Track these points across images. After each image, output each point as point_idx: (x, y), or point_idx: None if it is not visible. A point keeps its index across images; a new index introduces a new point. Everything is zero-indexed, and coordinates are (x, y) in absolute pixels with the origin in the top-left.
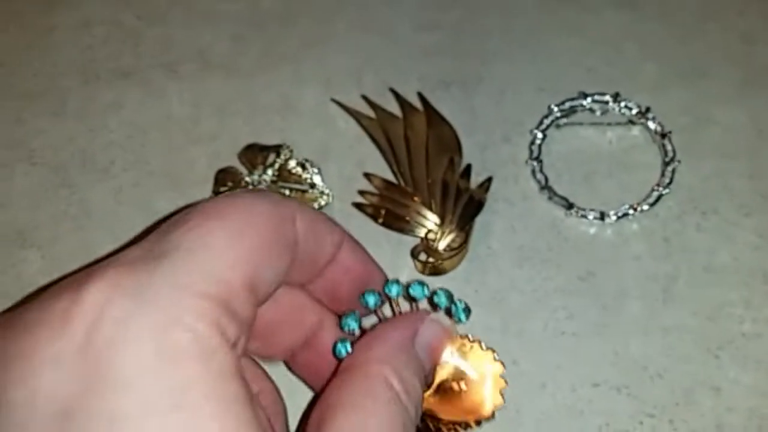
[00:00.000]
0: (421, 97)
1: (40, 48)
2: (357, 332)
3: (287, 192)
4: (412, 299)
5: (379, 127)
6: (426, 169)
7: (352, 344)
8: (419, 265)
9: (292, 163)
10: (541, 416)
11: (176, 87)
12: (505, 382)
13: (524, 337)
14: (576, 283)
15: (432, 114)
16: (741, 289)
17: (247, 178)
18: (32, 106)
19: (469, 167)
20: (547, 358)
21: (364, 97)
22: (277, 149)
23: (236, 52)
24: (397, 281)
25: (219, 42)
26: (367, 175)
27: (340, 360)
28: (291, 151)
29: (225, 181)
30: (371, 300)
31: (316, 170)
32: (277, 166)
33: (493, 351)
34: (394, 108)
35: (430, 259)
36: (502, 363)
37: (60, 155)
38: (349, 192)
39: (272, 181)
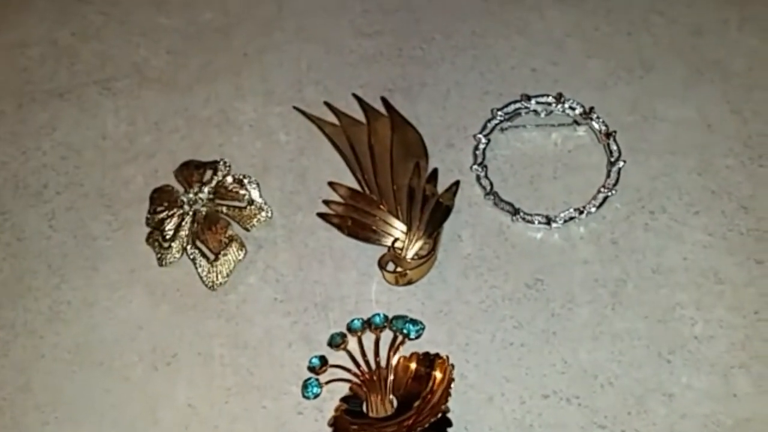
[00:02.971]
0: (385, 102)
1: None
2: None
3: (224, 209)
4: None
5: (342, 133)
6: (391, 175)
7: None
8: (390, 277)
9: (229, 180)
10: (490, 431)
11: (111, 104)
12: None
13: (471, 349)
14: (524, 291)
15: (396, 118)
16: (692, 289)
17: (184, 197)
18: None
19: (435, 171)
20: (495, 371)
21: (327, 104)
22: (214, 165)
23: (173, 66)
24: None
25: (156, 56)
26: (331, 184)
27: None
28: (229, 166)
29: (161, 200)
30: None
31: (254, 186)
32: (214, 183)
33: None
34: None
35: (398, 269)
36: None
37: None
38: (291, 207)
39: (209, 199)
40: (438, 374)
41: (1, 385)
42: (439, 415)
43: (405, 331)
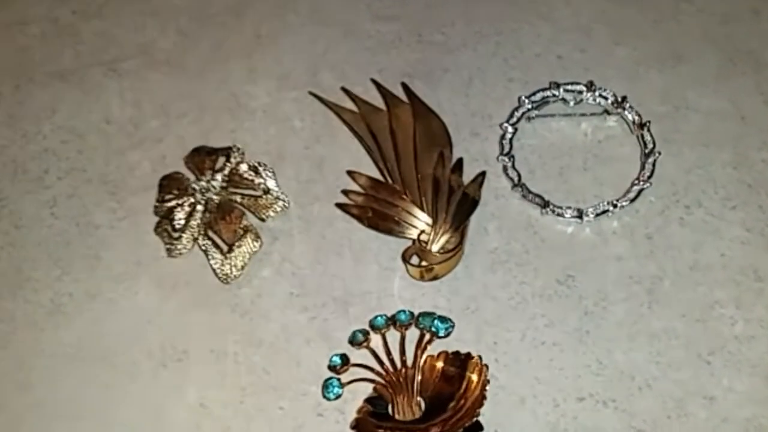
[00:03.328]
0: (406, 88)
1: None
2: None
3: (239, 198)
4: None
5: (361, 120)
6: (415, 165)
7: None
8: (414, 271)
9: (243, 167)
10: None
11: (116, 87)
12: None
13: (500, 348)
14: (555, 287)
15: (418, 105)
16: (731, 287)
17: (195, 185)
18: None
19: (460, 161)
20: (526, 371)
21: (345, 90)
22: (226, 152)
23: (182, 48)
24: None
25: (163, 38)
26: (350, 173)
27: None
28: (242, 153)
29: (170, 188)
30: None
31: (270, 174)
32: (227, 170)
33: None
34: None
35: (423, 263)
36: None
37: None
38: (307, 197)
39: (222, 187)
40: (473, 376)
41: None
42: (474, 419)
43: (433, 328)
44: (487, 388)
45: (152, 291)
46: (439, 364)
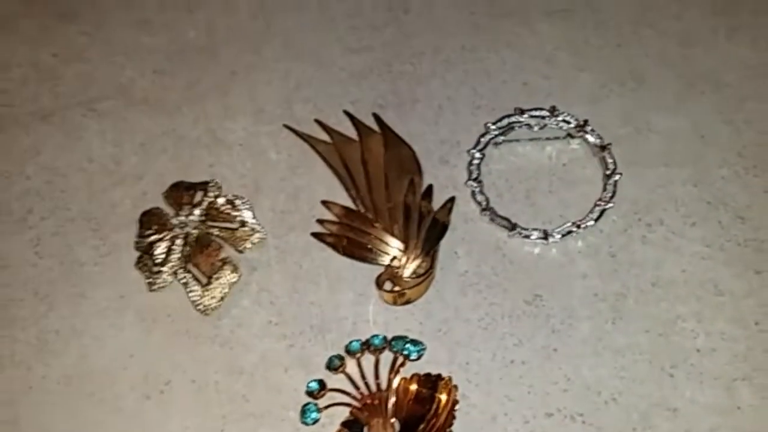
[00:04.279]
0: (377, 119)
1: None
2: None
3: (216, 231)
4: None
5: (334, 151)
6: (386, 193)
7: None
8: (387, 296)
9: (221, 201)
10: None
11: (97, 126)
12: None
13: (472, 368)
14: (523, 307)
15: (389, 135)
16: (692, 302)
17: (174, 220)
18: None
19: (430, 188)
20: (497, 390)
21: (318, 122)
22: (204, 186)
23: (159, 86)
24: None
25: (141, 77)
26: (324, 203)
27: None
28: (219, 187)
29: (150, 224)
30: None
31: (246, 206)
32: (205, 204)
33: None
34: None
35: (396, 288)
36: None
37: None
38: (283, 227)
39: (200, 221)
40: (442, 396)
41: None
42: None
43: (405, 352)
44: (457, 407)
45: (136, 325)
46: (413, 387)
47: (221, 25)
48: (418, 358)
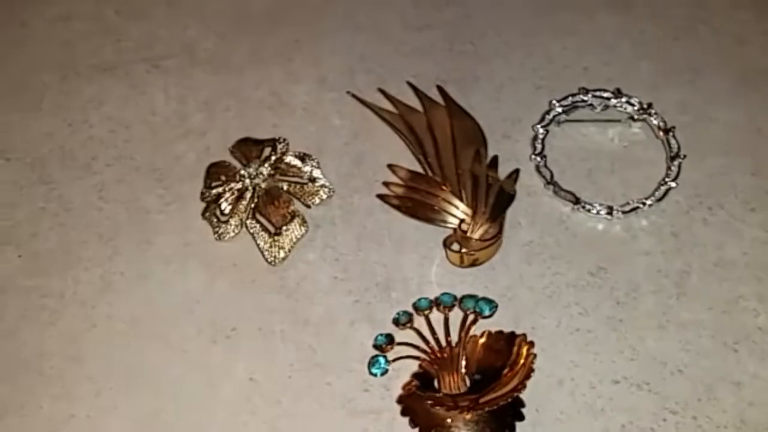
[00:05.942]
0: (441, 91)
1: (14, 42)
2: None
3: (285, 186)
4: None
5: (400, 119)
6: (454, 160)
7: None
8: (455, 257)
9: (289, 157)
10: (561, 415)
11: (161, 82)
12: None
13: (537, 334)
14: (587, 279)
15: (453, 107)
16: (753, 283)
17: (243, 171)
18: (6, 100)
19: (495, 159)
20: (562, 355)
21: (382, 91)
22: (272, 143)
23: (223, 49)
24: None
25: (205, 39)
26: (390, 166)
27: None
28: (287, 144)
29: (218, 175)
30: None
31: (315, 163)
32: (273, 159)
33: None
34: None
35: (463, 249)
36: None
37: (37, 151)
38: (347, 189)
39: (270, 175)
40: (522, 350)
41: (49, 354)
42: (521, 391)
43: (478, 309)
44: (534, 362)
45: (201, 273)
46: (483, 341)
47: None
48: (491, 315)
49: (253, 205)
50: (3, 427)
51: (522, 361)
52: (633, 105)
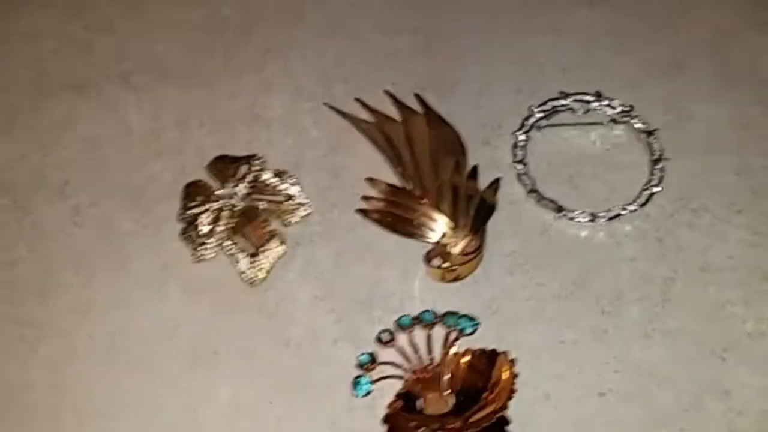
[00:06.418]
0: (420, 99)
1: None
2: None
3: (262, 205)
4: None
5: (377, 130)
6: (433, 172)
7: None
8: (436, 273)
9: (266, 174)
10: (547, 429)
11: (133, 99)
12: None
13: (522, 347)
14: (571, 288)
15: (432, 115)
16: (740, 288)
17: (219, 192)
18: None
19: (475, 169)
20: (547, 369)
21: (359, 100)
22: (248, 160)
23: (195, 60)
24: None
25: (176, 51)
26: (369, 180)
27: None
28: (264, 161)
29: (195, 195)
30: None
31: (293, 180)
32: (250, 177)
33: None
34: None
35: (445, 264)
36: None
37: (9, 175)
38: (326, 204)
39: (246, 194)
40: (503, 369)
41: (32, 384)
42: (505, 410)
43: (460, 327)
44: (515, 382)
45: (180, 296)
46: (466, 360)
47: (255, 1)
48: (473, 332)
49: (231, 226)
50: None
51: (503, 382)
52: (614, 108)
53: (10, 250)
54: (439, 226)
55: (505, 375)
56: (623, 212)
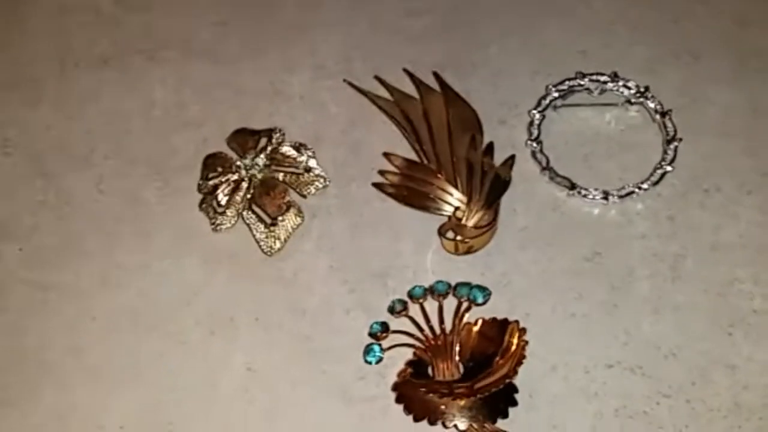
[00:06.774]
0: (438, 77)
1: (11, 35)
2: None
3: (281, 176)
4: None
5: (396, 107)
6: (449, 147)
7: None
8: (449, 245)
9: (285, 147)
10: (555, 399)
11: (158, 73)
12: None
13: (532, 319)
14: (582, 264)
15: (450, 93)
16: (749, 266)
17: (239, 162)
18: (5, 94)
19: (491, 145)
20: (557, 341)
21: (378, 78)
22: (268, 133)
23: (219, 38)
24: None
25: (201, 28)
26: (386, 155)
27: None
28: (283, 134)
29: (215, 166)
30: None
31: (310, 153)
32: (269, 150)
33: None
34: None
35: (458, 237)
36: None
37: (36, 145)
38: (343, 178)
39: (265, 165)
40: (513, 338)
41: (49, 344)
42: (513, 377)
43: (472, 297)
44: (526, 348)
45: (199, 264)
46: (476, 329)
47: None
48: (485, 302)
49: (249, 196)
50: (5, 417)
51: (513, 348)
52: (630, 89)
53: (35, 216)
54: (453, 200)
55: (515, 341)
56: (636, 191)
